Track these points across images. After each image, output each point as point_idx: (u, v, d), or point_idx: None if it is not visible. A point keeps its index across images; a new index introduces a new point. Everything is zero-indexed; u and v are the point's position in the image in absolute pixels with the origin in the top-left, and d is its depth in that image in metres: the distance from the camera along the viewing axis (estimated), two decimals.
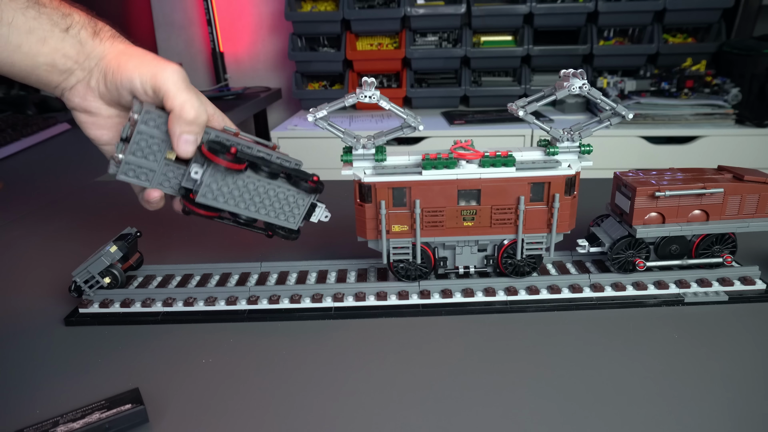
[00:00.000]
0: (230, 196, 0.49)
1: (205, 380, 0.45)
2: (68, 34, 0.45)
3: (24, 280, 0.64)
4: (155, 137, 0.47)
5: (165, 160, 0.48)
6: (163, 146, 0.48)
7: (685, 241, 0.56)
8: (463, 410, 0.41)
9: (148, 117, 0.46)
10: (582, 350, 0.47)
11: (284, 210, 0.52)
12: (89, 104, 0.48)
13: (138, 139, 0.47)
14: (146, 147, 0.47)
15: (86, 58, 0.46)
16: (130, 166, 0.47)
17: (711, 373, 0.44)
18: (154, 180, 0.49)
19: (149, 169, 0.48)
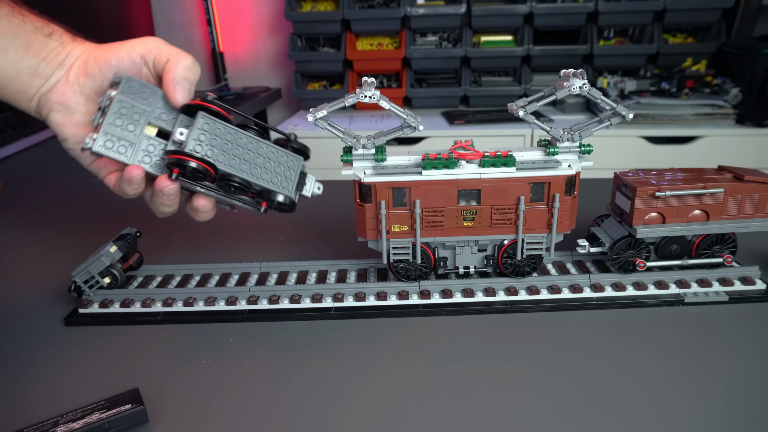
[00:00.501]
0: (220, 152, 0.45)
1: (205, 380, 0.45)
2: (51, 39, 0.47)
3: (24, 280, 0.64)
4: (136, 107, 0.44)
5: (145, 135, 0.45)
6: (143, 118, 0.45)
7: (686, 241, 0.56)
8: (464, 410, 0.41)
9: (128, 85, 0.44)
10: (582, 350, 0.47)
11: (278, 174, 0.48)
12: (67, 99, 0.47)
13: (118, 107, 0.44)
14: (127, 117, 0.44)
15: (66, 56, 0.47)
16: (109, 137, 0.44)
17: (711, 373, 0.44)
18: (134, 155, 0.45)
19: (129, 141, 0.45)
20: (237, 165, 0.46)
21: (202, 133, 0.44)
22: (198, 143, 0.44)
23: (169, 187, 0.46)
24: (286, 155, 0.49)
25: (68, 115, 0.48)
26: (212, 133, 0.45)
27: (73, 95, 0.47)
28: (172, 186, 0.46)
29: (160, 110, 0.46)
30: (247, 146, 0.47)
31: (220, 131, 0.45)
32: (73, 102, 0.47)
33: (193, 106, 0.45)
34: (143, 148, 0.45)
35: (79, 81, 0.47)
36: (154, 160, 0.46)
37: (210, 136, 0.45)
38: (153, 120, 0.46)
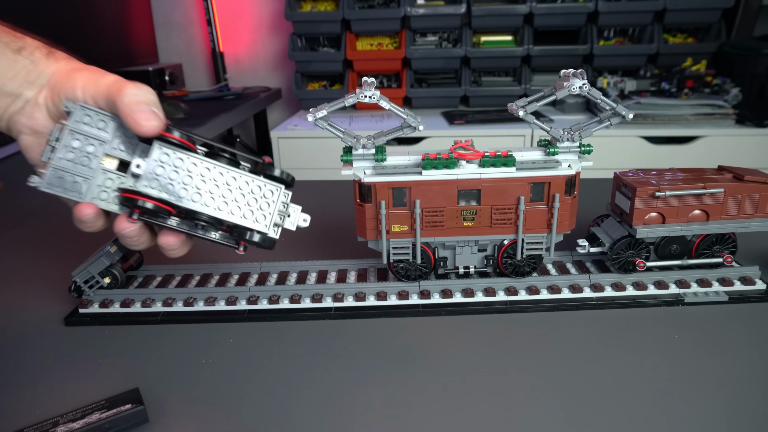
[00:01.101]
0: (181, 186, 0.40)
1: (205, 380, 0.45)
2: (20, 56, 0.43)
3: (24, 280, 0.64)
4: (91, 138, 0.40)
5: (102, 168, 0.41)
6: (99, 150, 0.41)
7: (685, 241, 0.56)
8: (464, 410, 0.41)
9: (82, 114, 0.40)
10: (582, 350, 0.47)
11: (251, 207, 0.43)
12: (36, 122, 0.43)
13: (70, 140, 0.39)
14: (80, 151, 0.40)
15: (38, 75, 0.43)
16: (58, 174, 0.39)
17: (711, 373, 0.44)
18: (88, 192, 0.41)
19: (83, 177, 0.40)
20: (202, 200, 0.41)
21: (159, 165, 0.40)
22: (155, 177, 0.40)
23: (128, 229, 0.42)
24: (262, 185, 0.43)
25: (38, 139, 0.44)
26: (171, 165, 0.40)
27: (42, 119, 0.43)
28: (132, 228, 0.42)
29: (119, 140, 0.42)
30: (214, 178, 0.42)
31: (180, 162, 0.41)
32: (42, 126, 0.43)
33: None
34: (99, 183, 0.41)
35: (47, 105, 0.43)
36: (112, 196, 0.42)
37: (168, 168, 0.40)
38: (111, 151, 0.41)
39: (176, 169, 0.40)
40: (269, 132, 1.78)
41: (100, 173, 0.41)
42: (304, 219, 0.46)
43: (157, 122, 0.40)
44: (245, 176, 0.43)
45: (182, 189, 0.41)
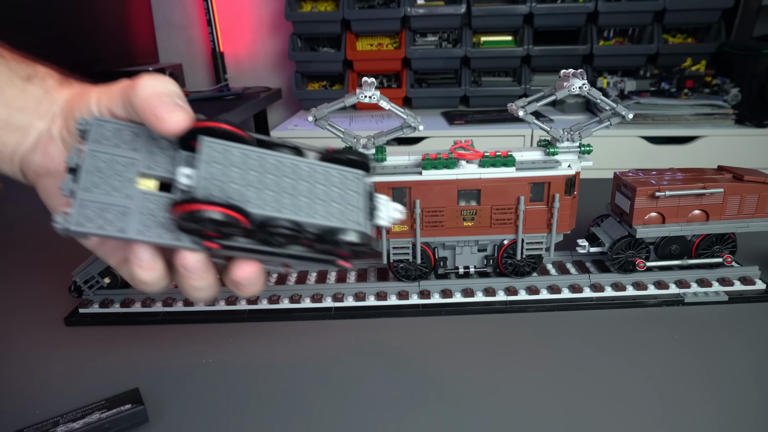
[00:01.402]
0: (246, 188, 0.30)
1: (205, 380, 0.45)
2: (31, 84, 0.36)
3: (24, 280, 0.64)
4: (118, 158, 0.31)
5: (141, 192, 0.30)
6: (131, 170, 0.31)
7: (685, 241, 0.56)
8: (463, 410, 0.41)
9: (100, 129, 0.31)
10: (582, 350, 0.47)
11: (336, 202, 0.32)
12: (52, 160, 0.36)
13: (93, 164, 0.30)
14: (108, 175, 0.30)
15: (50, 104, 0.36)
16: (87, 208, 0.30)
17: (711, 373, 0.44)
18: (131, 223, 0.30)
19: (120, 206, 0.30)
20: (275, 202, 0.31)
21: (213, 166, 0.30)
22: (212, 182, 0.30)
23: (193, 261, 0.31)
24: (338, 173, 0.33)
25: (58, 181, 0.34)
26: (228, 164, 0.31)
27: (58, 155, 0.36)
28: (198, 259, 0.31)
29: (153, 154, 0.32)
30: (282, 171, 0.32)
31: (238, 158, 0.31)
32: (59, 164, 0.35)
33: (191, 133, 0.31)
34: (141, 210, 0.30)
35: (63, 136, 0.36)
36: (155, 221, 0.31)
37: (225, 168, 0.30)
38: (146, 170, 0.31)
39: (234, 168, 0.30)
40: (269, 132, 1.78)
41: (140, 198, 0.30)
42: (395, 208, 0.35)
43: (183, 115, 0.30)
44: (316, 165, 0.33)
45: (248, 191, 0.30)
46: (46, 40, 1.69)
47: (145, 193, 0.31)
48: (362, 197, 0.33)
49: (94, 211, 0.30)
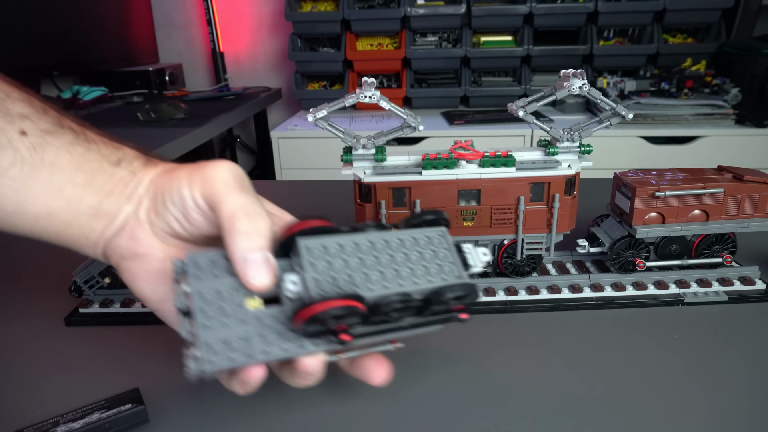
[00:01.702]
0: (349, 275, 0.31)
1: (205, 380, 0.45)
2: (119, 168, 0.36)
3: (24, 280, 0.64)
4: (222, 290, 0.31)
5: (252, 312, 0.31)
6: (237, 297, 0.32)
7: (685, 241, 0.56)
8: (463, 410, 0.41)
9: (197, 269, 0.32)
10: (582, 350, 0.47)
11: (431, 263, 0.33)
12: (139, 244, 0.36)
13: (201, 303, 0.31)
14: (218, 308, 0.31)
15: (136, 186, 0.36)
16: (213, 345, 0.30)
17: (711, 373, 0.44)
18: (255, 347, 0.31)
19: (240, 334, 0.31)
20: (382, 280, 0.32)
21: (317, 264, 0.31)
22: (322, 280, 0.31)
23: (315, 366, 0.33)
24: (422, 235, 0.34)
25: (142, 264, 0.36)
26: (330, 257, 0.32)
27: (146, 238, 0.36)
28: (319, 361, 0.33)
29: None
30: (376, 249, 0.33)
31: (336, 249, 0.32)
32: (146, 247, 0.36)
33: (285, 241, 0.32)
34: (259, 331, 0.31)
35: (150, 218, 0.36)
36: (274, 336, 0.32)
37: (328, 262, 0.31)
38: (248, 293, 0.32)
39: (334, 259, 0.32)
40: (269, 132, 1.78)
41: (254, 319, 0.31)
42: (483, 253, 0.36)
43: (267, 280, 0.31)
44: (402, 234, 0.34)
45: (357, 277, 0.31)
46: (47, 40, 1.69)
47: (256, 313, 0.31)
48: (451, 251, 0.34)
49: (219, 347, 0.30)
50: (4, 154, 0.33)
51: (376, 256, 0.32)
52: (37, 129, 0.35)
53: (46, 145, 0.35)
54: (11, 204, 0.34)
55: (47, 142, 0.35)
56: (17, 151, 0.34)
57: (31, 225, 0.36)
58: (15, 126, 0.34)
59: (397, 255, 0.33)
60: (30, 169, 0.34)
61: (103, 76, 1.93)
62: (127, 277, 0.37)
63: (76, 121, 0.37)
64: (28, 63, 1.63)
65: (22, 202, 0.34)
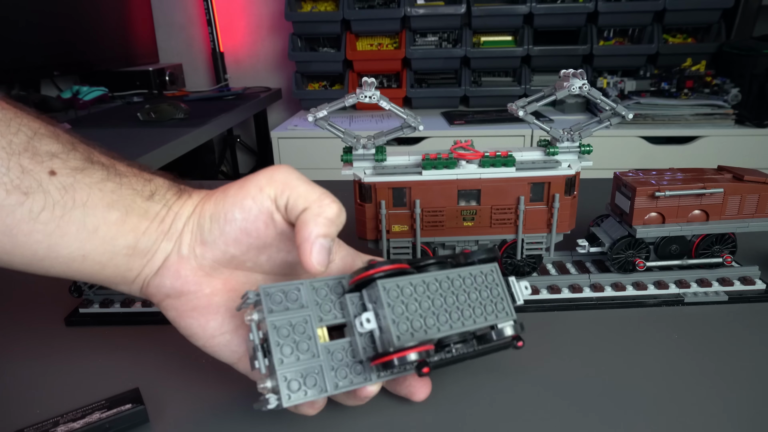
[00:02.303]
0: (422, 317, 0.33)
1: (205, 380, 0.45)
2: (153, 202, 0.35)
3: (24, 280, 0.64)
4: (295, 321, 0.32)
5: (323, 345, 0.33)
6: (309, 327, 0.33)
7: (685, 241, 0.56)
8: (462, 411, 0.41)
9: (270, 302, 0.32)
10: (582, 350, 0.47)
11: (486, 300, 0.36)
12: (184, 282, 0.35)
13: (276, 336, 0.32)
14: (292, 340, 0.32)
15: (174, 219, 0.35)
16: (290, 379, 0.31)
17: (711, 373, 0.44)
18: (327, 380, 0.32)
19: (313, 370, 0.32)
20: (448, 319, 0.34)
21: (392, 305, 0.32)
22: (400, 322, 0.32)
23: (375, 391, 0.35)
24: (479, 272, 0.36)
25: (189, 301, 0.36)
26: (403, 300, 0.33)
27: (192, 274, 0.35)
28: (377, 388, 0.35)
29: (318, 304, 0.34)
30: (443, 289, 0.35)
31: (409, 291, 0.33)
32: (193, 284, 0.35)
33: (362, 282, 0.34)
34: (330, 364, 0.33)
35: (196, 253, 0.35)
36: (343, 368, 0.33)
37: (402, 306, 0.33)
38: (319, 322, 0.33)
39: (409, 300, 0.33)
40: (269, 132, 1.78)
41: (325, 352, 0.33)
42: (525, 287, 0.39)
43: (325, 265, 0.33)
44: (462, 272, 0.36)
45: (429, 319, 0.33)
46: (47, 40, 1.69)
47: (327, 346, 0.33)
48: (502, 286, 0.37)
49: (296, 381, 0.32)
50: (35, 198, 0.31)
51: (443, 297, 0.34)
52: (67, 167, 0.33)
53: (77, 185, 0.33)
54: (43, 249, 0.33)
55: (78, 181, 0.33)
56: (48, 193, 0.32)
57: (64, 268, 0.34)
58: (44, 166, 0.32)
59: (460, 295, 0.35)
60: (62, 212, 0.32)
61: (103, 76, 1.93)
62: (173, 314, 0.36)
63: (104, 154, 0.36)
64: (28, 63, 1.63)
65: (55, 247, 0.33)
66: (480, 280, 0.36)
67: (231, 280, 0.37)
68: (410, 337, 0.32)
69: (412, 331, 0.32)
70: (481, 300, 0.36)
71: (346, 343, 0.34)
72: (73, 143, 0.34)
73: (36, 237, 0.32)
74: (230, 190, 0.35)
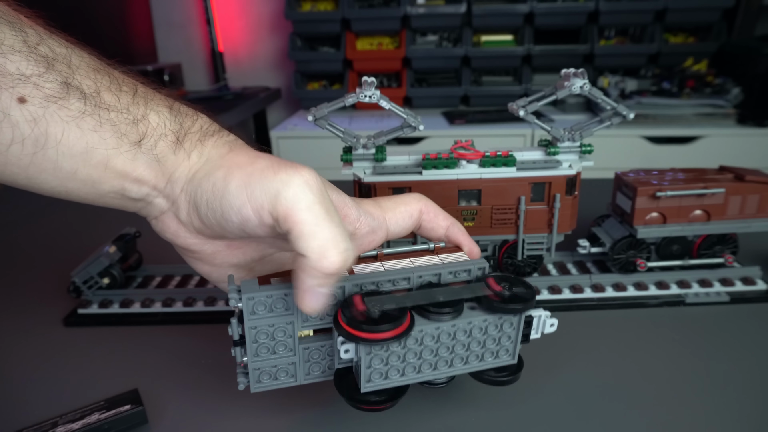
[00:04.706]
0: (409, 364, 0.34)
1: (205, 380, 0.45)
2: (140, 150, 0.31)
3: (24, 280, 0.64)
4: (275, 321, 0.33)
5: (301, 340, 0.34)
6: (290, 327, 0.33)
7: (687, 242, 0.56)
8: (461, 412, 0.40)
9: (252, 303, 0.32)
10: (582, 351, 0.47)
11: (489, 346, 0.36)
12: (184, 241, 0.34)
13: (254, 338, 0.33)
14: (269, 340, 0.33)
15: (167, 182, 0.32)
16: (262, 371, 0.34)
17: (711, 374, 0.44)
18: (300, 372, 0.35)
19: (288, 363, 0.34)
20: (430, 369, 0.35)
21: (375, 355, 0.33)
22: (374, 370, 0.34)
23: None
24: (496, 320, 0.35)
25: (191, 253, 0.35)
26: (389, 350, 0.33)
27: (190, 237, 0.34)
28: None
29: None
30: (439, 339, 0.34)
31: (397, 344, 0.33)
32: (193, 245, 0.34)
33: None
34: (305, 359, 0.35)
35: (194, 224, 0.33)
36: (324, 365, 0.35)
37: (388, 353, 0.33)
38: (302, 324, 0.34)
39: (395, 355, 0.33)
40: (269, 132, 1.77)
41: (301, 349, 0.34)
42: (551, 325, 0.38)
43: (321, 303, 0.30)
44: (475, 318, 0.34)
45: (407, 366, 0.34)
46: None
47: (303, 341, 0.34)
48: (516, 329, 0.36)
49: (267, 372, 0.34)
50: (1, 130, 0.27)
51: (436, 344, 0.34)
52: (40, 94, 0.28)
53: (50, 118, 0.28)
54: (23, 181, 0.30)
55: (51, 114, 0.28)
56: (16, 127, 0.28)
57: (53, 194, 0.32)
58: (13, 92, 0.27)
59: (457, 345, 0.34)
60: (34, 149, 0.28)
61: None
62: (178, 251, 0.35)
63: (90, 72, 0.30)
64: None
65: (34, 181, 0.30)
66: (493, 330, 0.35)
67: (235, 243, 0.35)
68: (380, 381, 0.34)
69: (385, 375, 0.34)
70: (481, 346, 0.35)
71: (328, 343, 0.35)
72: (49, 60, 0.28)
73: (12, 170, 0.29)
74: (231, 184, 0.30)
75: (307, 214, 0.29)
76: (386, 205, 0.38)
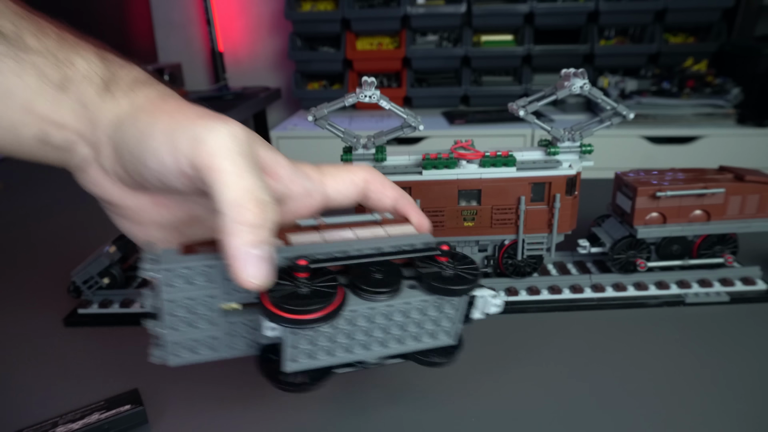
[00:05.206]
0: (338, 344, 0.32)
1: (205, 380, 0.45)
2: (65, 94, 0.29)
3: (24, 280, 0.64)
4: (197, 296, 0.30)
5: (225, 312, 0.31)
6: (212, 301, 0.31)
7: (687, 242, 0.56)
8: (461, 411, 0.40)
9: (170, 275, 0.29)
10: (582, 351, 0.47)
11: (426, 327, 0.33)
12: (108, 194, 0.32)
13: (170, 311, 0.30)
14: (188, 313, 0.30)
15: (92, 127, 0.30)
16: (180, 344, 0.31)
17: (712, 374, 0.44)
18: (221, 345, 0.32)
19: (209, 336, 0.31)
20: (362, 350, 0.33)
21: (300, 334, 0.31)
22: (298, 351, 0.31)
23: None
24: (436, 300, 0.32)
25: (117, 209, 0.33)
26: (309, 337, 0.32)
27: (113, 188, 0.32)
28: None
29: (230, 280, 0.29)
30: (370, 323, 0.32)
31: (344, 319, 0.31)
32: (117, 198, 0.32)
33: None
34: (228, 331, 0.32)
35: (118, 173, 0.31)
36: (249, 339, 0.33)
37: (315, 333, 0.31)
38: (225, 298, 0.31)
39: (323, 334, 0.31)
40: (269, 132, 1.78)
41: (224, 321, 0.31)
42: (495, 305, 0.35)
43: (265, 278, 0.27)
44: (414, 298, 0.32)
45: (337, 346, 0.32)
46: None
47: (227, 313, 0.31)
48: (460, 312, 0.34)
49: (186, 345, 0.31)
50: None
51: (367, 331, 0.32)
52: None
53: None
54: None
55: None
56: None
57: None
58: None
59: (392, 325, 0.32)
60: None
61: None
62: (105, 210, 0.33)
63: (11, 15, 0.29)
64: None
65: None
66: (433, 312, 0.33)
67: (160, 198, 0.32)
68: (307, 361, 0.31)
69: (311, 355, 0.31)
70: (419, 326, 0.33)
71: (251, 320, 0.32)
72: None
73: None
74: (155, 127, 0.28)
75: (226, 163, 0.27)
76: (327, 170, 0.36)
